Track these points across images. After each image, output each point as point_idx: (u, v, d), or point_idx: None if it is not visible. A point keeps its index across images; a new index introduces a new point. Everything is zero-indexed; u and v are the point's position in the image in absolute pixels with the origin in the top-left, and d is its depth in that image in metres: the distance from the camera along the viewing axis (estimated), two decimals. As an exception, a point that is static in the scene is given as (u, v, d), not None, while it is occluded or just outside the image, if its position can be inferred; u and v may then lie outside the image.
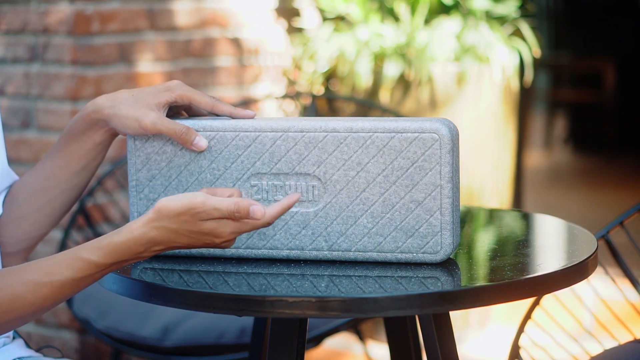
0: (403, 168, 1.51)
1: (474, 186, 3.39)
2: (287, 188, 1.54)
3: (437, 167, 1.50)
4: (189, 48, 3.33)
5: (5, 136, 3.15)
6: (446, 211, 1.50)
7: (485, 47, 3.34)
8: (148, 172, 1.60)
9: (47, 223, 1.70)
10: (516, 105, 3.55)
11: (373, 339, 3.44)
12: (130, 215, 1.62)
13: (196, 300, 1.40)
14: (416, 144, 1.50)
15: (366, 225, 1.52)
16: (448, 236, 1.50)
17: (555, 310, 2.25)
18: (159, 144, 1.59)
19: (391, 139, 1.51)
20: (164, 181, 1.59)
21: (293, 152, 1.54)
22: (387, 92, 3.30)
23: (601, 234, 2.00)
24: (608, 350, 1.88)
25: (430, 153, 1.50)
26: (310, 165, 1.53)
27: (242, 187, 1.56)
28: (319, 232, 1.53)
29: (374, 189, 1.52)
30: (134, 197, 1.61)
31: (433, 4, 3.43)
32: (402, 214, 1.51)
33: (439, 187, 1.50)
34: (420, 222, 1.51)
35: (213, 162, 1.57)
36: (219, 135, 1.56)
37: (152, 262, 1.56)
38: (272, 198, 1.55)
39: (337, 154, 1.53)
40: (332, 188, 1.53)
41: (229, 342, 2.34)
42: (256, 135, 1.55)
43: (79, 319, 2.54)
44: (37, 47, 3.07)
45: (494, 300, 1.41)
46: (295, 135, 1.54)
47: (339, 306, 1.35)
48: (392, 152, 1.51)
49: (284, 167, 1.54)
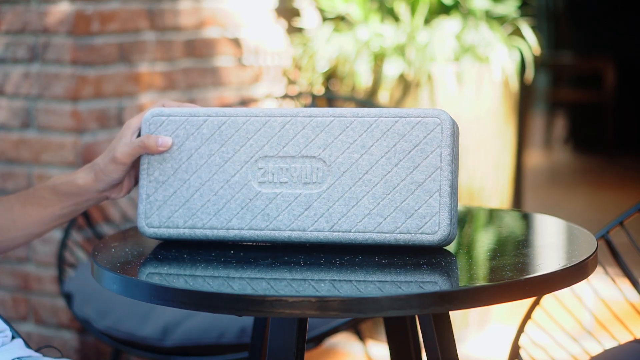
0: (405, 150, 1.56)
1: (474, 186, 3.39)
2: (293, 170, 1.59)
3: (438, 150, 1.55)
4: (189, 48, 3.33)
5: (5, 136, 3.15)
6: (445, 192, 1.54)
7: (485, 47, 3.34)
8: (160, 154, 1.65)
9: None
10: (516, 105, 3.55)
11: (373, 339, 3.44)
12: (139, 197, 1.66)
13: (196, 300, 1.40)
14: (419, 128, 1.56)
15: (367, 206, 1.56)
16: (446, 217, 1.54)
17: (555, 310, 2.25)
18: (172, 128, 1.65)
19: (395, 123, 1.57)
20: (174, 164, 1.65)
21: (300, 136, 1.60)
22: (387, 92, 3.30)
23: (601, 234, 2.00)
24: (608, 350, 1.88)
25: (432, 136, 1.55)
26: (316, 148, 1.59)
27: (249, 169, 1.61)
28: (321, 212, 1.57)
29: (377, 171, 1.57)
30: (144, 179, 1.66)
31: (433, 4, 3.43)
32: (403, 195, 1.55)
33: (439, 169, 1.55)
34: (419, 203, 1.55)
35: (223, 145, 1.63)
36: (230, 120, 1.63)
37: (157, 267, 1.56)
38: (277, 180, 1.60)
39: (343, 137, 1.58)
40: (336, 170, 1.58)
41: (229, 342, 2.34)
42: (266, 120, 1.61)
43: (79, 319, 2.54)
44: (37, 47, 3.07)
45: (494, 300, 1.41)
46: (304, 119, 1.60)
47: (338, 306, 1.35)
48: (395, 136, 1.57)
49: (290, 150, 1.60)
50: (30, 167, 3.10)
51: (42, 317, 3.16)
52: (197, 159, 1.64)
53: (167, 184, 1.65)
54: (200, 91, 3.37)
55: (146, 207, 1.65)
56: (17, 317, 3.21)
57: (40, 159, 3.09)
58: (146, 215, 1.65)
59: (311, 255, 1.57)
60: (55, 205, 1.70)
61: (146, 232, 1.65)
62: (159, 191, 1.65)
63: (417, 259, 1.53)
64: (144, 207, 1.65)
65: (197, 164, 1.64)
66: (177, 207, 1.64)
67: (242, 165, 1.62)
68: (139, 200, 1.66)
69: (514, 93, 3.49)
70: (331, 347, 3.47)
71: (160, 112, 1.67)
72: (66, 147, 3.04)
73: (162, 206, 1.65)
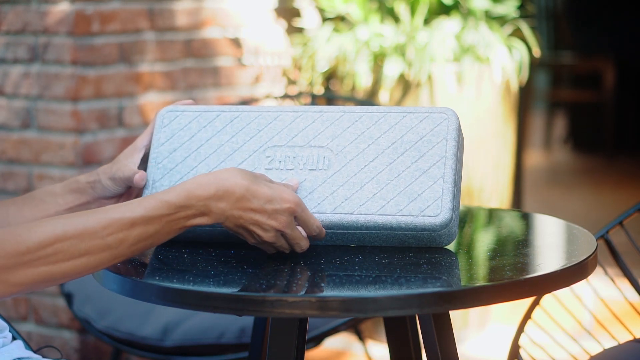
0: (412, 141, 1.59)
1: (474, 186, 3.39)
2: (300, 159, 1.61)
3: (443, 141, 1.58)
4: (189, 48, 3.34)
5: (6, 136, 3.15)
6: (448, 179, 1.56)
7: (484, 47, 3.34)
8: (170, 145, 1.67)
9: None
10: (516, 105, 3.55)
11: (373, 339, 3.44)
12: (146, 183, 1.66)
13: (196, 300, 1.40)
14: (426, 121, 1.59)
15: (371, 191, 1.57)
16: (449, 201, 1.55)
17: (555, 310, 2.25)
18: (186, 121, 1.67)
19: (403, 118, 1.60)
20: (183, 153, 1.66)
21: (310, 129, 1.62)
22: (387, 92, 3.30)
23: (601, 234, 2.00)
24: (608, 350, 1.88)
25: (438, 129, 1.59)
26: (325, 139, 1.61)
27: (258, 157, 1.62)
28: (325, 196, 1.58)
29: (382, 159, 1.59)
30: (152, 166, 1.66)
31: (433, 4, 3.44)
32: (407, 180, 1.57)
33: (444, 158, 1.57)
34: (423, 188, 1.56)
35: (234, 136, 1.64)
36: (243, 114, 1.65)
37: (157, 266, 1.56)
38: (284, 167, 1.61)
39: (351, 130, 1.61)
40: (342, 158, 1.60)
41: (229, 342, 2.34)
42: (277, 114, 1.64)
43: (79, 319, 2.54)
44: (37, 47, 3.07)
45: (494, 300, 1.41)
46: (314, 114, 1.63)
47: (338, 306, 1.35)
48: (403, 128, 1.60)
49: (299, 141, 1.62)
50: (31, 167, 3.11)
51: (42, 316, 3.16)
52: (207, 149, 1.65)
53: (174, 170, 1.65)
54: (200, 91, 3.37)
55: (151, 192, 1.65)
56: (18, 317, 3.21)
57: (40, 159, 3.09)
58: None
59: (311, 255, 1.57)
60: (51, 207, 1.70)
61: None
62: (165, 177, 1.65)
63: (417, 259, 1.53)
64: (149, 192, 1.65)
65: (207, 153, 1.65)
66: None
67: (251, 154, 1.63)
68: (145, 186, 1.66)
69: (514, 93, 3.50)
70: (331, 347, 3.48)
71: (175, 108, 1.70)
72: (66, 147, 3.04)
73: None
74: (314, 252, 1.58)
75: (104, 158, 3.08)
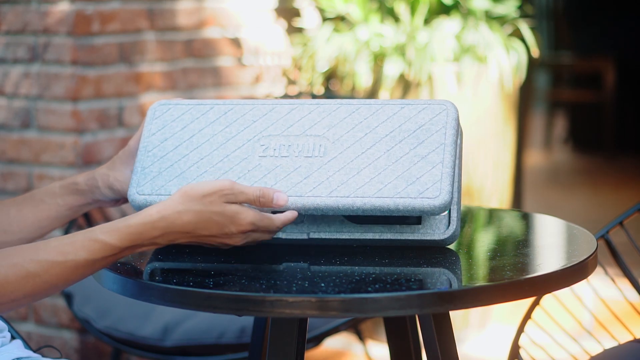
0: (410, 130, 1.57)
1: (474, 186, 3.39)
2: (295, 147, 1.58)
3: (442, 130, 1.56)
4: (189, 48, 3.34)
5: (6, 136, 3.15)
6: (448, 164, 1.54)
7: (484, 47, 3.34)
8: (162, 135, 1.64)
9: None
10: (516, 105, 3.55)
11: (373, 339, 3.44)
12: (134, 170, 1.62)
13: (196, 300, 1.40)
14: (425, 112, 1.58)
15: (368, 175, 1.55)
16: (448, 184, 1.52)
17: (555, 310, 2.25)
18: (178, 113, 1.65)
19: (402, 109, 1.59)
20: (175, 142, 1.62)
21: (306, 119, 1.60)
22: (387, 92, 3.30)
23: (601, 234, 2.00)
24: (608, 350, 1.88)
25: (437, 119, 1.57)
26: (321, 128, 1.59)
27: (251, 146, 1.59)
28: (320, 181, 1.56)
29: (380, 147, 1.56)
30: (142, 154, 1.62)
31: (433, 4, 3.44)
32: (405, 165, 1.54)
33: (443, 145, 1.55)
34: (422, 172, 1.54)
35: (227, 127, 1.62)
36: (237, 107, 1.63)
37: (157, 266, 1.56)
38: (278, 154, 1.58)
39: (348, 120, 1.59)
40: (339, 146, 1.58)
41: (229, 342, 2.34)
42: (273, 107, 1.62)
43: (79, 319, 2.54)
44: (37, 47, 3.07)
45: (494, 300, 1.41)
46: (310, 106, 1.61)
47: (338, 306, 1.35)
48: (401, 118, 1.58)
49: (295, 131, 1.59)
50: (31, 167, 3.11)
51: (42, 316, 3.16)
52: (200, 138, 1.62)
53: (165, 158, 1.61)
54: (200, 91, 3.37)
55: (140, 177, 1.60)
56: (17, 317, 3.21)
57: (40, 159, 3.09)
58: (138, 184, 1.60)
59: (311, 255, 1.57)
60: (52, 207, 1.70)
61: (136, 200, 1.59)
62: (155, 164, 1.61)
63: (417, 259, 1.53)
64: (137, 178, 1.60)
65: (199, 141, 1.62)
66: (171, 177, 1.59)
67: (244, 143, 1.60)
68: (133, 172, 1.62)
69: (514, 93, 3.50)
70: (331, 347, 3.48)
71: (167, 101, 1.67)
72: (66, 147, 3.04)
73: (157, 177, 1.60)
74: (314, 252, 1.58)
75: (104, 158, 3.08)
